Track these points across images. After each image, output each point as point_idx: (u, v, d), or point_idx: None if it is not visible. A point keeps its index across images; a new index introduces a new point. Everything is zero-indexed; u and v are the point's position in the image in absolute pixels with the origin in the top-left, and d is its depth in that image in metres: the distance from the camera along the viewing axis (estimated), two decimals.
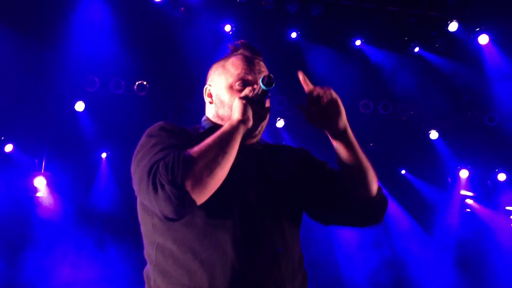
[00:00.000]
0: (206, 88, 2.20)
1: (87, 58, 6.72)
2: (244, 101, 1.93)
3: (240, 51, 2.15)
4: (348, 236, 8.16)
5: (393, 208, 8.33)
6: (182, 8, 6.81)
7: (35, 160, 7.27)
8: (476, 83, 7.96)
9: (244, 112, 1.91)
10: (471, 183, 8.78)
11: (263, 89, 1.94)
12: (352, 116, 7.08)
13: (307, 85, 1.97)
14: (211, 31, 7.10)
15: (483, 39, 7.53)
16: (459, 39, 7.62)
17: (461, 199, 8.78)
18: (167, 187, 1.77)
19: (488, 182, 8.86)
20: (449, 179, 8.74)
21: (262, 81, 1.93)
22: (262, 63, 2.13)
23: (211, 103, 2.18)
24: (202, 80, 2.36)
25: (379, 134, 8.33)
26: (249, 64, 2.09)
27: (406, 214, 8.64)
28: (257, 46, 2.20)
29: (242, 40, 2.18)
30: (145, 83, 7.24)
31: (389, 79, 7.84)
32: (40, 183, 7.10)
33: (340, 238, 8.24)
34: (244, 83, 2.05)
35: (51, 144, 7.26)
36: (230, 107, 2.01)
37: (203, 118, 2.22)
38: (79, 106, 7.07)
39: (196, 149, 1.81)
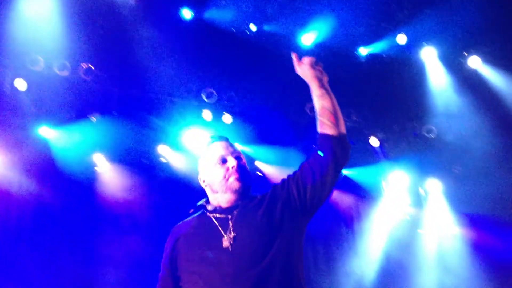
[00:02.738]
0: (200, 179, 2.76)
1: (33, 36, 6.46)
2: None
3: (212, 143, 2.75)
4: None
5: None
6: None
7: None
8: (418, 95, 8.26)
9: None
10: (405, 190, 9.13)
11: None
12: (300, 116, 7.17)
13: (298, 59, 2.70)
14: (165, 18, 7.01)
15: (428, 53, 7.83)
16: (406, 51, 7.89)
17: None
18: None
19: (420, 189, 9.24)
20: (383, 184, 9.03)
21: None
22: (230, 143, 2.75)
23: (206, 186, 2.72)
24: (150, 68, 2.46)
25: None
26: (223, 147, 2.71)
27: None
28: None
29: (212, 135, 2.82)
30: (91, 67, 7.06)
31: (339, 84, 7.97)
32: None
33: None
34: (223, 160, 2.65)
35: None
36: (218, 180, 2.63)
37: (203, 200, 2.76)
38: (20, 83, 6.79)
39: None
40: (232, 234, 2.46)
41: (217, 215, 2.58)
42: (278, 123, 8.15)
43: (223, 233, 2.48)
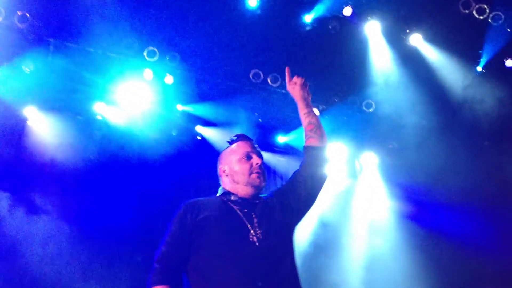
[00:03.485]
0: (220, 168, 3.00)
1: None
2: None
3: (239, 140, 3.03)
4: None
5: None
6: None
7: None
8: (359, 69, 8.39)
9: None
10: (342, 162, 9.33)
11: None
12: (243, 85, 7.11)
13: (289, 76, 3.30)
14: None
15: (372, 27, 7.95)
16: (351, 24, 7.97)
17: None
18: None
19: (356, 162, 9.47)
20: None
21: None
22: (255, 144, 3.05)
23: (227, 175, 2.95)
24: (88, 20, 2.32)
25: (265, 106, 8.53)
26: (249, 145, 3.02)
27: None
28: None
29: (238, 134, 3.09)
30: (27, 14, 6.72)
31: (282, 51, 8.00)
32: None
33: None
34: (248, 156, 2.92)
35: None
36: (242, 173, 2.89)
37: (220, 188, 2.99)
38: None
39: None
40: (259, 231, 2.73)
41: (241, 208, 2.82)
42: (221, 86, 8.08)
43: (250, 227, 2.73)
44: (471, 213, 7.95)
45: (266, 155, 8.98)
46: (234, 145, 3.02)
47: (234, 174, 2.91)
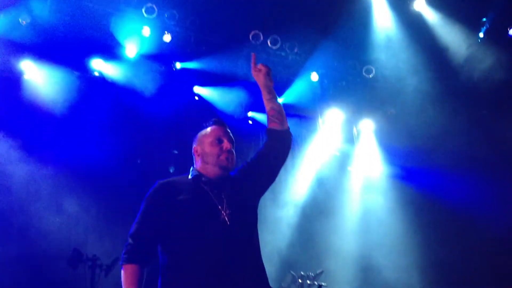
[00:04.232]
0: (194, 148, 3.15)
1: None
2: None
3: (214, 124, 3.17)
4: None
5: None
6: None
7: None
8: (361, 34, 8.29)
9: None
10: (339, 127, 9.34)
11: None
12: (242, 47, 7.01)
13: (255, 63, 3.34)
14: None
15: None
16: None
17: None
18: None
19: (354, 128, 9.47)
20: (319, 120, 9.17)
21: None
22: (228, 129, 3.18)
23: (198, 155, 3.11)
24: None
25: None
26: (222, 130, 3.15)
27: None
28: None
29: (214, 118, 3.21)
30: None
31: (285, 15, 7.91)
32: None
33: None
34: (220, 140, 3.08)
35: None
36: (211, 154, 3.04)
37: (192, 168, 3.13)
38: None
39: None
40: (228, 211, 2.90)
41: (211, 189, 2.98)
42: (219, 46, 8.00)
43: (220, 208, 2.90)
44: (466, 177, 8.01)
45: (264, 117, 8.96)
46: (208, 128, 3.17)
47: (205, 155, 3.08)
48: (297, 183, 9.08)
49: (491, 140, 7.96)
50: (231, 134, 3.20)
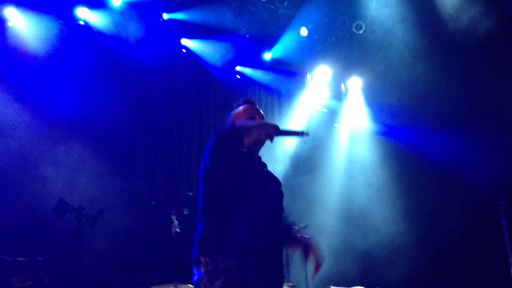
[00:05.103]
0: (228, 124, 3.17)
1: None
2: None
3: (245, 103, 3.33)
4: None
5: None
6: None
7: None
8: None
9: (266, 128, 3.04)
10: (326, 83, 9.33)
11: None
12: None
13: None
14: None
15: None
16: None
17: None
18: None
19: (342, 85, 9.46)
20: (308, 76, 9.14)
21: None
22: (257, 107, 3.33)
23: None
24: None
25: (253, 22, 8.36)
26: (253, 108, 3.32)
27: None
28: None
29: (244, 98, 3.37)
30: None
31: None
32: None
33: None
34: (253, 117, 3.23)
35: None
36: None
37: None
38: None
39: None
40: (267, 179, 3.11)
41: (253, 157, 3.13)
42: None
43: (262, 175, 3.11)
44: (451, 135, 8.09)
45: (253, 72, 8.93)
46: (241, 108, 3.32)
47: None
48: (284, 139, 9.10)
49: (477, 98, 7.99)
50: (261, 111, 3.34)
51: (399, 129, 8.97)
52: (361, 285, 6.98)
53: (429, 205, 8.35)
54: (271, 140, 3.06)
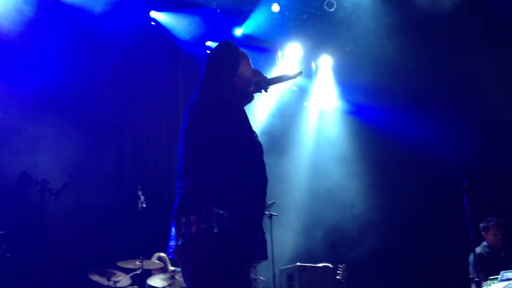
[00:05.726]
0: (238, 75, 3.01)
1: None
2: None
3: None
4: None
5: None
6: None
7: None
8: None
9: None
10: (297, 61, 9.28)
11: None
12: None
13: None
14: None
15: None
16: None
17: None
18: None
19: (313, 63, 9.44)
20: (278, 53, 9.07)
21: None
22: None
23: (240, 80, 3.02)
24: None
25: None
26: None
27: None
28: None
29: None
30: None
31: None
32: None
33: None
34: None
35: None
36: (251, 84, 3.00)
37: None
38: None
39: None
40: (255, 134, 2.93)
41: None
42: None
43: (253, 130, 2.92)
44: (420, 115, 8.18)
45: None
46: (248, 60, 3.16)
47: (245, 83, 3.02)
48: (253, 117, 9.06)
49: (446, 76, 8.07)
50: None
51: (369, 107, 9.02)
52: (329, 262, 7.05)
53: (396, 182, 8.46)
54: (266, 90, 3.01)
